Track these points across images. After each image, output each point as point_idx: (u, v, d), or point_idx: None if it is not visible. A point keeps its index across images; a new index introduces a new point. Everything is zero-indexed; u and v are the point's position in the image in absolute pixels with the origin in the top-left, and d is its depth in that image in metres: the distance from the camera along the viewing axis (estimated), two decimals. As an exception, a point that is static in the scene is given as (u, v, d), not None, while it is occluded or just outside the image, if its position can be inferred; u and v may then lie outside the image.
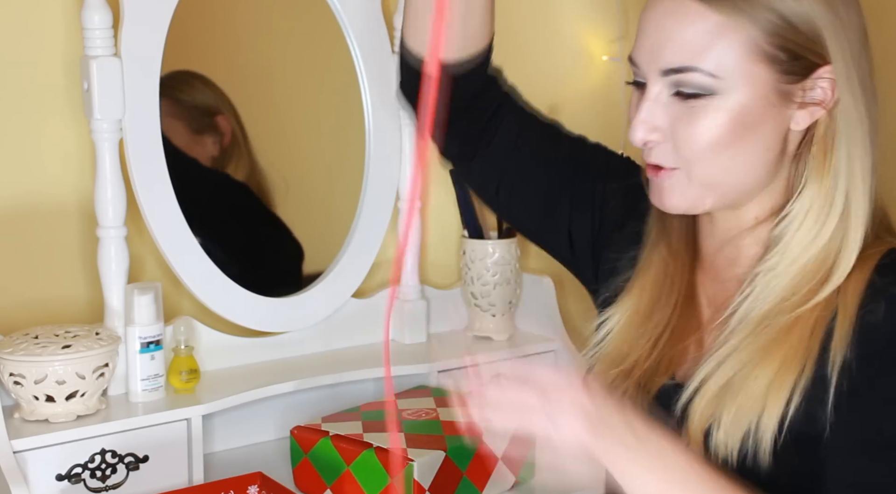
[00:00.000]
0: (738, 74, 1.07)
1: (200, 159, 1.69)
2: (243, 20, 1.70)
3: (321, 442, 1.47)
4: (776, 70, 1.07)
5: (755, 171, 1.12)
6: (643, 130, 1.11)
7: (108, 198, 1.50)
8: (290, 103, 1.72)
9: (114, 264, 1.52)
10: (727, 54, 1.06)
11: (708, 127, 1.08)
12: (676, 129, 1.10)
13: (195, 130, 1.68)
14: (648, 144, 1.12)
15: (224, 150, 1.70)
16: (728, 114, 1.08)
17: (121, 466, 1.46)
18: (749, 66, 1.07)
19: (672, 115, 1.10)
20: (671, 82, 1.09)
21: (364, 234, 1.74)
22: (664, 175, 1.13)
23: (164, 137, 1.54)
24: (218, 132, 1.69)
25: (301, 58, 1.76)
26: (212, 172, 1.71)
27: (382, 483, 1.42)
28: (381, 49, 1.72)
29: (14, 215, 1.54)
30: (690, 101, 1.08)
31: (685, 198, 1.13)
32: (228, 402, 1.55)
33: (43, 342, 1.43)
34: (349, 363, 1.70)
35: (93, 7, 1.46)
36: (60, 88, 1.54)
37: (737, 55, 1.06)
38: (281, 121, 1.76)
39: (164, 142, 1.54)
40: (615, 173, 1.32)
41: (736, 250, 1.19)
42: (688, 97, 1.08)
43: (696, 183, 1.12)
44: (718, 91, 1.07)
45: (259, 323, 1.66)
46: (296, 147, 1.74)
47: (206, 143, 1.69)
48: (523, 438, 1.07)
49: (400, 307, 1.80)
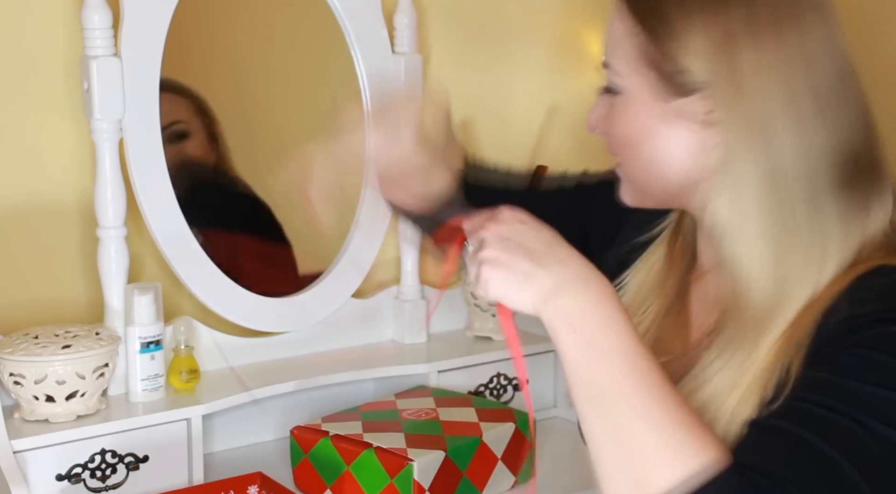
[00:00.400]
0: (631, 76, 1.09)
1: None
2: (243, 20, 1.70)
3: (321, 442, 1.47)
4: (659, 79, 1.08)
5: (672, 175, 1.11)
6: (591, 117, 1.16)
7: (108, 198, 1.50)
8: (290, 103, 1.72)
9: (114, 264, 1.52)
10: (626, 55, 1.10)
11: (617, 124, 1.12)
12: (604, 124, 1.14)
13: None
14: (595, 131, 1.16)
15: (224, 150, 1.70)
16: (628, 114, 1.10)
17: (121, 466, 1.46)
18: (639, 72, 1.09)
19: (604, 109, 1.14)
20: (605, 76, 1.13)
21: (364, 234, 1.74)
22: (617, 170, 1.17)
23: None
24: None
25: (301, 58, 1.76)
26: (213, 171, 1.70)
27: (382, 483, 1.42)
28: (381, 49, 1.72)
29: (14, 215, 1.54)
30: (611, 97, 1.12)
31: (629, 193, 1.16)
32: (228, 402, 1.55)
33: (43, 342, 1.43)
34: (349, 363, 1.70)
35: (93, 7, 1.46)
36: (60, 88, 1.54)
37: (631, 58, 1.09)
38: (281, 120, 1.76)
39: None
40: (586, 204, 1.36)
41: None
42: (609, 92, 1.13)
43: (629, 180, 1.15)
44: (622, 90, 1.10)
45: (259, 323, 1.66)
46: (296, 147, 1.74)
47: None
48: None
49: (400, 307, 1.80)
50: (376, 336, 1.80)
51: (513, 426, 1.53)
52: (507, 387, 1.80)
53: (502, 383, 1.79)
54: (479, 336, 1.84)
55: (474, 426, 1.51)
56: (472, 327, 1.85)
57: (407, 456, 1.41)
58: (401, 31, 1.72)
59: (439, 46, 1.83)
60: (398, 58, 1.73)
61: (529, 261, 0.99)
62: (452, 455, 1.44)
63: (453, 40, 1.85)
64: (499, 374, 1.79)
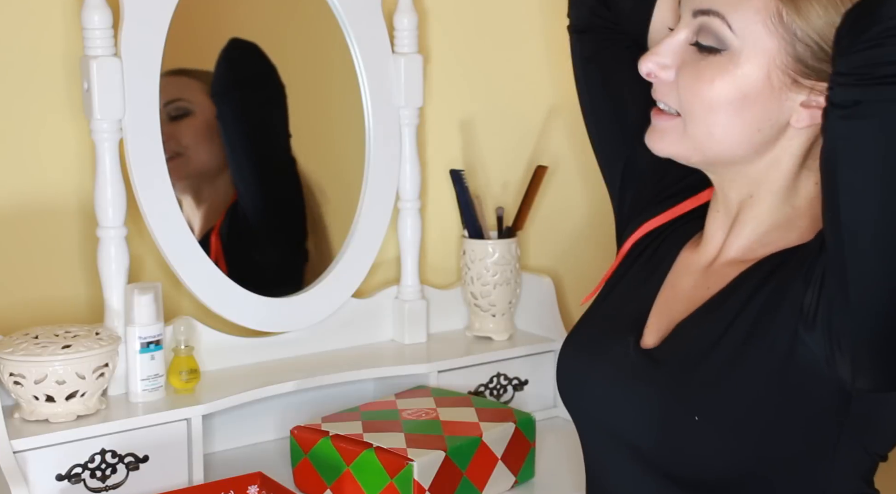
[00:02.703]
0: (754, 42, 1.08)
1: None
2: (243, 20, 1.70)
3: (321, 442, 1.47)
4: (790, 54, 1.07)
5: (742, 146, 1.12)
6: (652, 62, 1.14)
7: (108, 198, 1.50)
8: (290, 103, 1.72)
9: (114, 264, 1.52)
10: (753, 18, 1.08)
11: (710, 84, 1.10)
12: (683, 74, 1.12)
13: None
14: (651, 76, 1.15)
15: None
16: (731, 79, 1.09)
17: (121, 466, 1.46)
18: (767, 39, 1.07)
19: (684, 59, 1.12)
20: (696, 26, 1.11)
21: (364, 234, 1.74)
22: (664, 118, 1.16)
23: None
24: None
25: (301, 58, 1.76)
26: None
27: (382, 483, 1.42)
28: (381, 49, 1.72)
29: (14, 215, 1.54)
30: (704, 54, 1.11)
31: (674, 146, 1.16)
32: (228, 402, 1.55)
33: (43, 342, 1.43)
34: (349, 363, 1.70)
35: (93, 7, 1.46)
36: (60, 88, 1.54)
37: (760, 24, 1.07)
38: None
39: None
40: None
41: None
42: (703, 50, 1.11)
43: (689, 136, 1.14)
44: (731, 49, 1.09)
45: (259, 323, 1.66)
46: (295, 147, 1.74)
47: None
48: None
49: (400, 307, 1.80)
50: (376, 336, 1.80)
51: (513, 426, 1.53)
52: (507, 387, 1.80)
53: (502, 383, 1.79)
54: (479, 336, 1.84)
55: (474, 426, 1.51)
56: (472, 327, 1.85)
57: (407, 456, 1.41)
58: (401, 31, 1.72)
59: (439, 46, 1.83)
60: (398, 58, 1.73)
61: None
62: (452, 455, 1.44)
63: (453, 40, 1.85)
64: (499, 374, 1.79)
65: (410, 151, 1.76)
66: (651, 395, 1.15)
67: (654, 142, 1.17)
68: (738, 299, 1.13)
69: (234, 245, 1.68)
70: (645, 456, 1.16)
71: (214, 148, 1.66)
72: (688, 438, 1.12)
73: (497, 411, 1.58)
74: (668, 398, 1.14)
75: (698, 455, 1.12)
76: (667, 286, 1.24)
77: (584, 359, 1.26)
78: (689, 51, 1.13)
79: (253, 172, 1.70)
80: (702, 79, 1.10)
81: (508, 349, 1.80)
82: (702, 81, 1.10)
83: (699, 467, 1.12)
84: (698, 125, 1.12)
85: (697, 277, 1.22)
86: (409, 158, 1.76)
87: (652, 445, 1.15)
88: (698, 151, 1.14)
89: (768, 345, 1.09)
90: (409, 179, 1.76)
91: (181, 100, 1.62)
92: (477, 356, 1.76)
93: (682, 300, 1.20)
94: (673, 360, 1.15)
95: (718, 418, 1.10)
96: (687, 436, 1.12)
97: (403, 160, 1.76)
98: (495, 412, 1.57)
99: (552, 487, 1.57)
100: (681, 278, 1.23)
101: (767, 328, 1.09)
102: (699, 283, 1.21)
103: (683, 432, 1.12)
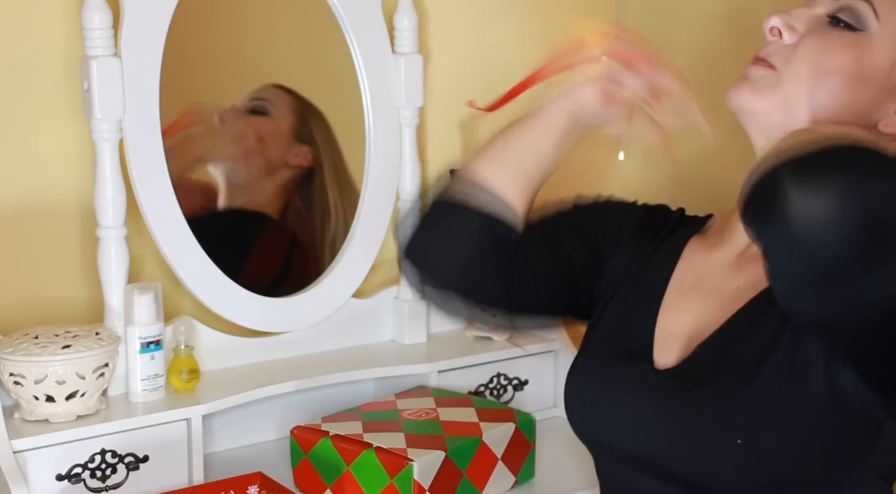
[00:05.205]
0: (891, 33, 1.08)
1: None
2: (243, 20, 1.70)
3: (321, 442, 1.47)
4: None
5: (827, 116, 1.10)
6: (783, 21, 1.12)
7: (108, 198, 1.50)
8: (290, 103, 1.72)
9: (114, 264, 1.52)
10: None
11: (836, 51, 1.09)
12: (807, 38, 1.11)
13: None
14: (773, 31, 1.12)
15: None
16: (858, 55, 1.08)
17: (121, 466, 1.46)
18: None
19: (813, 28, 1.11)
20: (838, 6, 1.10)
21: (364, 234, 1.74)
22: (761, 67, 1.13)
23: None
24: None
25: (301, 58, 1.76)
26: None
27: (382, 483, 1.42)
28: (381, 49, 1.72)
29: (14, 215, 1.54)
30: (838, 28, 1.10)
31: (759, 101, 1.12)
32: (228, 402, 1.55)
33: (43, 342, 1.43)
34: (349, 363, 1.70)
35: (93, 7, 1.46)
36: (60, 88, 1.54)
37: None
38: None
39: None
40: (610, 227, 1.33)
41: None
42: (838, 24, 1.10)
43: (781, 91, 1.11)
44: (869, 31, 1.08)
45: (259, 323, 1.66)
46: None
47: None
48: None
49: (400, 307, 1.80)
50: (376, 336, 1.80)
51: (513, 426, 1.53)
52: (507, 387, 1.80)
53: (502, 383, 1.79)
54: (479, 336, 1.84)
55: (474, 426, 1.51)
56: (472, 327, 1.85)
57: (407, 456, 1.41)
58: (401, 31, 1.72)
59: (439, 46, 1.83)
60: (398, 58, 1.73)
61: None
62: (452, 455, 1.44)
63: (453, 40, 1.85)
64: (499, 374, 1.79)
65: (410, 151, 1.76)
66: (685, 418, 1.11)
67: (740, 92, 1.13)
68: (772, 322, 1.09)
69: (234, 244, 1.68)
70: (676, 475, 1.14)
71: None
72: (724, 458, 1.09)
73: (497, 411, 1.58)
74: (704, 423, 1.10)
75: (734, 476, 1.09)
76: (673, 289, 1.22)
77: (595, 385, 1.22)
78: (821, 21, 1.12)
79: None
80: (829, 44, 1.09)
81: (508, 349, 1.79)
82: (829, 45, 1.09)
83: (733, 485, 1.10)
84: (800, 84, 1.10)
85: (725, 274, 1.18)
86: (409, 158, 1.76)
87: (684, 464, 1.12)
88: (784, 108, 1.11)
89: (810, 372, 1.06)
90: (409, 180, 1.76)
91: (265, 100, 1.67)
92: (477, 356, 1.76)
93: (710, 301, 1.17)
94: (707, 380, 1.11)
95: (761, 441, 1.08)
96: (723, 456, 1.09)
97: (403, 160, 1.76)
98: (495, 412, 1.57)
99: (552, 487, 1.57)
100: (703, 280, 1.20)
101: (808, 350, 1.07)
102: (728, 280, 1.18)
103: (720, 453, 1.09)
